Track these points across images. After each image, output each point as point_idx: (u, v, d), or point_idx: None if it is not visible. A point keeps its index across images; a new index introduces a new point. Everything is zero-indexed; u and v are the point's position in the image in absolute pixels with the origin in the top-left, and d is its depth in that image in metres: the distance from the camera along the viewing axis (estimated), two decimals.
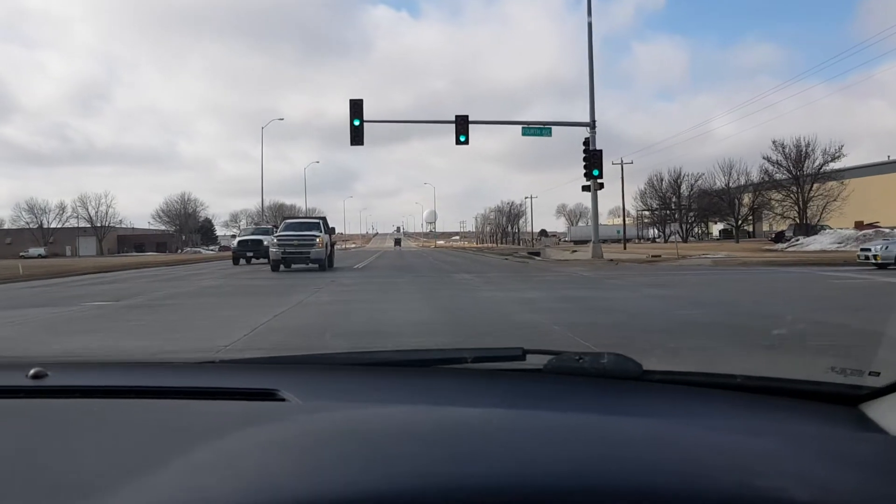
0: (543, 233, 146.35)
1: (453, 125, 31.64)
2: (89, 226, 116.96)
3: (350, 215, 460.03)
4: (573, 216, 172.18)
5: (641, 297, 14.53)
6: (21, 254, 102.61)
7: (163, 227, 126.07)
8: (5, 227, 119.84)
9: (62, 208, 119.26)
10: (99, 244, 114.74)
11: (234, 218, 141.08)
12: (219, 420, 1.12)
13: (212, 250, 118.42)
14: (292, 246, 26.76)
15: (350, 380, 1.49)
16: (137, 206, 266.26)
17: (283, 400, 1.24)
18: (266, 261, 28.65)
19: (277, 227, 30.36)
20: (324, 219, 30.99)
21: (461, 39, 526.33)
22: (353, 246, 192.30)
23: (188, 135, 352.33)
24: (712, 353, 6.85)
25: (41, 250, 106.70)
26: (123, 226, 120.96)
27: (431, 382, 1.45)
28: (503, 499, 0.78)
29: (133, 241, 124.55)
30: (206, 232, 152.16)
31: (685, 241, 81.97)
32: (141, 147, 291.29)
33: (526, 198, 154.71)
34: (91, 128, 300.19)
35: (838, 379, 1.39)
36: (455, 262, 39.76)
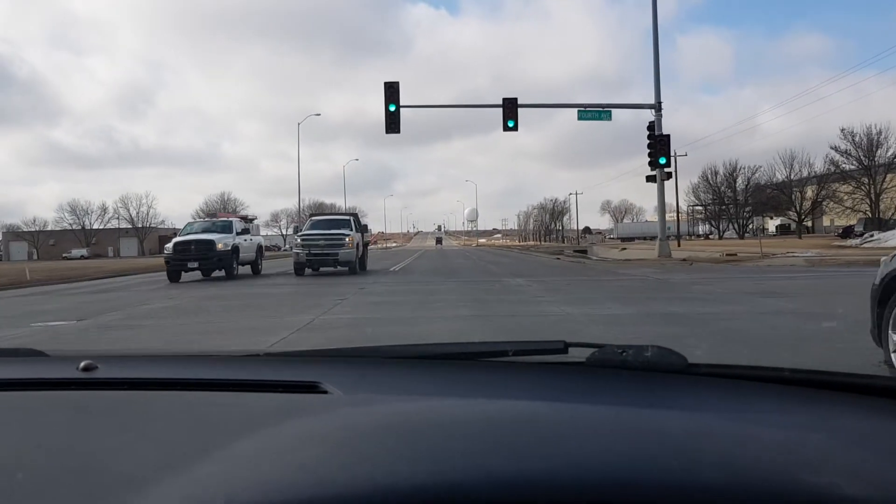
0: (587, 230, 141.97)
1: (500, 110, 27.80)
2: (131, 227, 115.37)
3: (391, 214, 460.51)
4: (618, 213, 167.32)
5: (766, 315, 10.55)
6: (64, 255, 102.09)
7: None
8: (49, 228, 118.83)
9: (104, 209, 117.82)
10: (140, 245, 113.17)
11: (275, 217, 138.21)
12: (261, 412, 1.11)
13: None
14: (318, 247, 23.40)
15: (393, 373, 1.45)
16: (181, 207, 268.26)
17: (325, 392, 1.21)
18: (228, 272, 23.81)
19: (301, 227, 26.91)
20: (355, 215, 27.46)
21: (501, 36, 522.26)
22: (394, 245, 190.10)
23: (231, 136, 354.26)
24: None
25: (84, 251, 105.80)
26: (164, 226, 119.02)
27: (474, 376, 1.41)
28: (553, 493, 0.77)
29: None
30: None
31: (741, 237, 76.92)
32: (185, 148, 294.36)
33: (570, 194, 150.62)
34: (136, 130, 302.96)
35: (893, 372, 1.16)
36: (502, 262, 36.23)
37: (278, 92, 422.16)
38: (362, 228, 26.48)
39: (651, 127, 28.87)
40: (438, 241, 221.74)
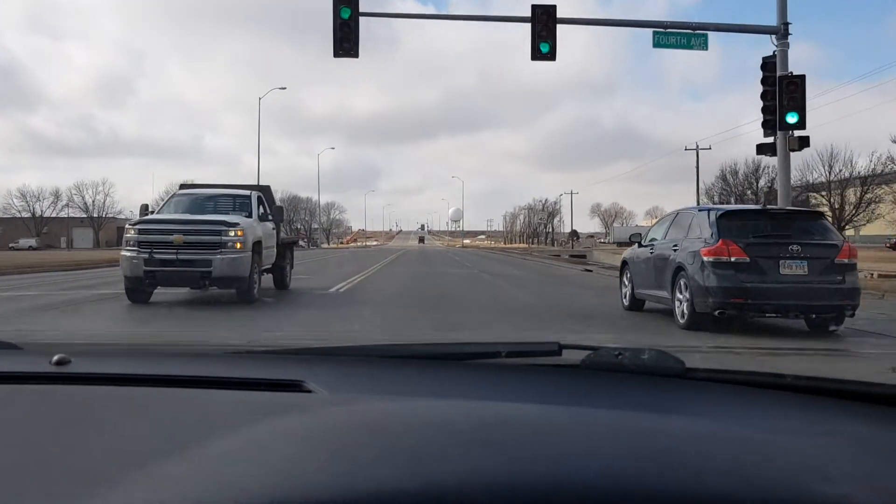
0: (574, 234, 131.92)
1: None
2: (85, 216, 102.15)
3: (373, 212, 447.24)
4: (608, 216, 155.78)
5: None
6: (11, 245, 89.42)
7: None
8: None
9: (56, 196, 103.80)
10: (95, 235, 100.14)
11: None
12: (241, 410, 1.07)
13: None
14: (166, 246, 11.17)
15: (380, 372, 1.39)
16: (153, 197, 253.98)
17: (309, 391, 1.16)
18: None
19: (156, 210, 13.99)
20: (266, 189, 15.41)
21: (489, 34, 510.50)
22: (374, 244, 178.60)
23: (213, 128, 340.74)
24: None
25: (33, 241, 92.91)
26: (124, 216, 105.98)
27: (464, 377, 1.36)
28: (545, 498, 0.74)
29: None
30: None
31: None
32: (166, 139, 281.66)
33: (561, 195, 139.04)
34: (116, 119, 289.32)
35: (893, 380, 1.32)
36: (504, 272, 25.21)
37: (261, 84, 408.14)
38: (277, 214, 14.24)
39: (768, 65, 17.04)
40: (421, 239, 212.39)
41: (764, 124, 17.16)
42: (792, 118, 16.55)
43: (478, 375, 1.36)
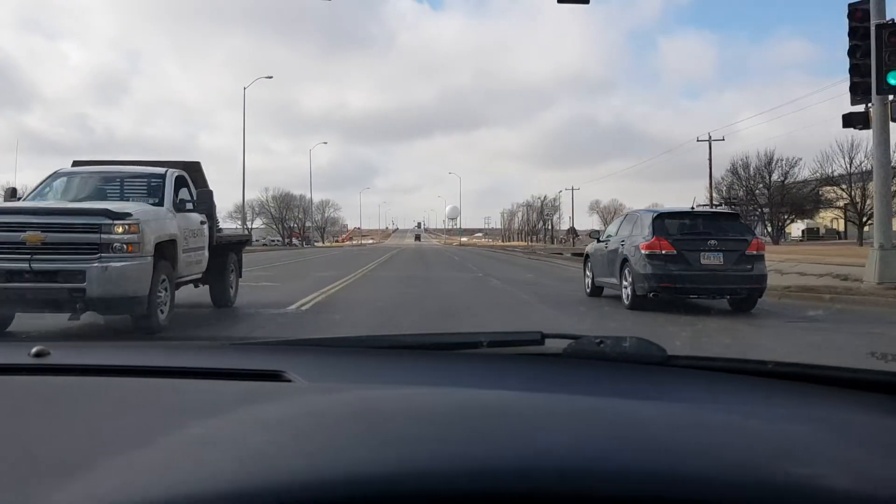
0: (572, 231, 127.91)
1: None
2: None
3: (369, 210, 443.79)
4: (606, 213, 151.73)
5: None
6: None
7: None
8: None
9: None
10: None
11: (238, 209, 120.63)
12: (220, 399, 1.06)
13: None
14: (12, 251, 7.03)
15: (361, 363, 1.38)
16: None
17: (289, 381, 1.15)
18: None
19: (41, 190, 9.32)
20: (191, 168, 10.58)
21: (485, 32, 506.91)
22: (370, 242, 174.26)
23: (209, 127, 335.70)
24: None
25: None
26: None
27: (446, 366, 1.35)
28: (520, 481, 0.74)
29: None
30: None
31: (776, 242, 61.58)
32: (161, 138, 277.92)
33: (560, 191, 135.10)
34: (111, 118, 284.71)
35: (878, 365, 1.31)
36: (515, 276, 21.20)
37: (258, 83, 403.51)
38: (202, 201, 9.46)
39: (857, 13, 13.17)
40: (417, 237, 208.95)
41: (853, 88, 13.28)
42: (895, 79, 12.65)
43: (460, 365, 1.35)
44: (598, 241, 13.16)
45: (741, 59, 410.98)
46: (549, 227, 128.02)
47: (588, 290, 13.31)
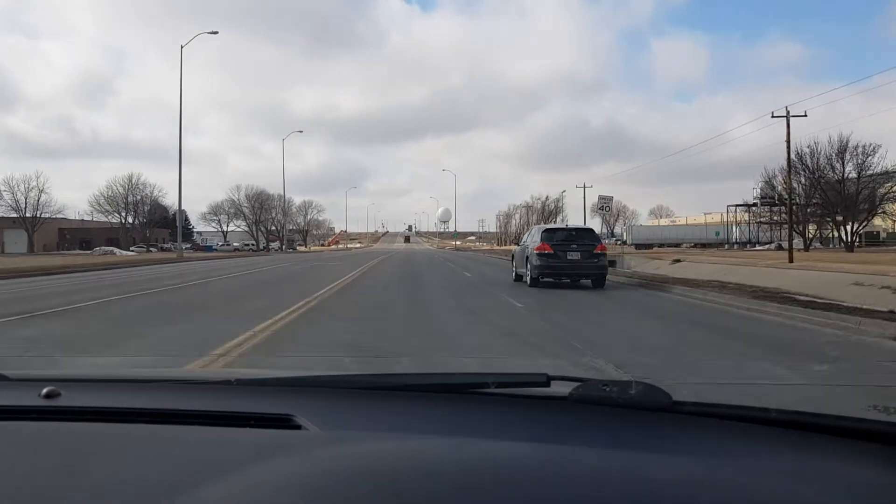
0: None
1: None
2: (17, 216, 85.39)
3: (359, 213, 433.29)
4: (609, 215, 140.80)
5: None
6: None
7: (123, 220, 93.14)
8: None
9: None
10: (29, 238, 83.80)
11: (214, 210, 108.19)
12: (232, 449, 1.06)
13: (168, 248, 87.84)
14: None
15: (369, 406, 1.38)
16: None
17: (298, 427, 1.17)
18: None
19: None
20: None
21: (475, 33, 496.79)
22: (358, 246, 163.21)
23: (196, 128, 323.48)
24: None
25: None
26: (61, 216, 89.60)
27: (453, 410, 1.35)
28: None
29: (80, 234, 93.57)
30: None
31: (850, 248, 50.22)
32: (148, 140, 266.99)
33: (564, 191, 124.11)
34: (97, 120, 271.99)
35: (881, 417, 1.35)
36: (559, 303, 13.74)
37: (246, 84, 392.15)
38: None
39: None
40: (407, 239, 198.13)
41: None
42: None
43: (467, 409, 1.35)
44: (518, 244, 22.54)
45: (734, 60, 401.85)
46: None
47: (512, 278, 20.41)
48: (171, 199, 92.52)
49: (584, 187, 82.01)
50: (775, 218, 65.40)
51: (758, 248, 65.07)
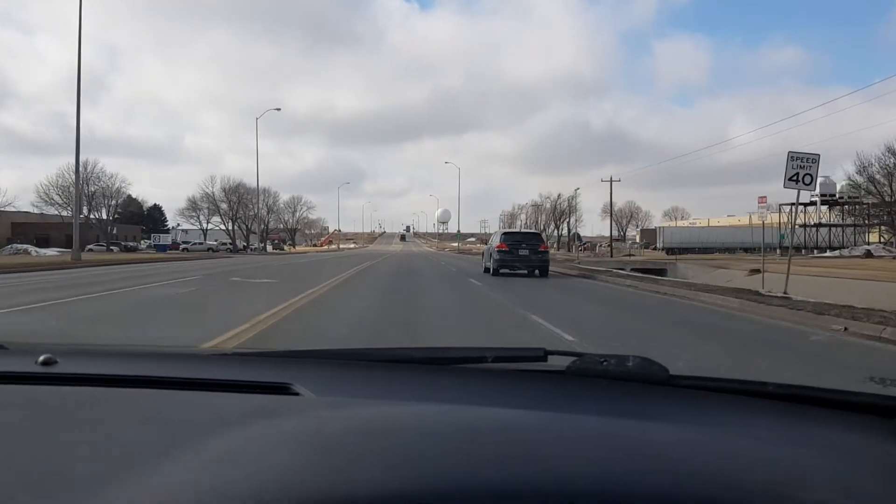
0: (577, 237, 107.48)
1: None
2: None
3: (356, 213, 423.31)
4: (621, 217, 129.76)
5: None
6: None
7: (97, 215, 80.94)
8: None
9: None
10: None
11: (194, 205, 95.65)
12: (229, 412, 1.05)
13: (132, 246, 76.56)
14: None
15: (366, 376, 1.36)
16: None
17: (296, 394, 1.15)
18: None
19: None
20: None
21: (475, 32, 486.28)
22: (353, 246, 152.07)
23: (193, 127, 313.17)
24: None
25: None
26: (12, 209, 77.96)
27: (450, 381, 1.33)
28: (530, 502, 0.75)
29: (37, 231, 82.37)
30: (154, 221, 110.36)
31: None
32: (144, 138, 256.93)
33: (578, 189, 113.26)
34: (92, 117, 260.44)
35: (877, 389, 1.35)
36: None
37: (243, 82, 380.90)
38: None
39: None
40: (402, 238, 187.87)
41: None
42: None
43: (464, 380, 1.33)
44: (485, 243, 30.47)
45: (736, 64, 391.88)
46: (568, 232, 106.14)
47: (482, 270, 26.12)
48: (139, 190, 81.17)
49: (612, 181, 71.45)
50: (851, 219, 54.27)
51: (828, 254, 54.16)
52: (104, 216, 79.37)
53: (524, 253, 23.27)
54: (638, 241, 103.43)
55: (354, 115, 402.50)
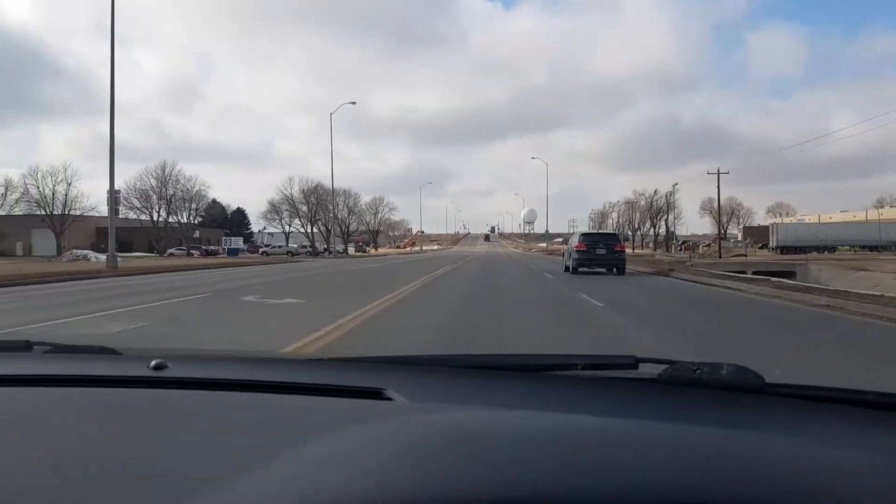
0: (671, 236, 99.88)
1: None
2: (44, 212, 73.16)
3: (440, 214, 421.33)
4: (722, 214, 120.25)
5: None
6: None
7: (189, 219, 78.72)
8: None
9: (7, 186, 73.19)
10: (57, 239, 71.87)
11: (276, 209, 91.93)
12: (327, 417, 1.09)
13: (212, 250, 74.12)
14: None
15: (457, 382, 1.37)
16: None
17: (389, 399, 1.17)
18: None
19: None
20: None
21: (560, 29, 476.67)
22: (436, 248, 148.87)
23: (281, 131, 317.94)
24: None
25: None
26: (96, 214, 76.50)
27: (540, 388, 1.32)
28: None
29: (121, 235, 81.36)
30: (237, 224, 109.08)
31: None
32: (235, 144, 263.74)
33: (677, 184, 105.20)
34: (185, 124, 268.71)
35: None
36: None
37: (328, 85, 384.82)
38: None
39: None
40: (486, 237, 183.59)
41: None
42: None
43: (554, 387, 1.32)
44: (566, 244, 31.59)
45: (834, 54, 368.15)
46: (667, 230, 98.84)
47: (563, 268, 27.72)
48: (230, 195, 78.53)
49: (719, 173, 64.13)
50: None
51: None
52: (185, 220, 77.11)
53: (601, 252, 25.13)
54: (740, 239, 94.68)
55: (438, 116, 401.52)
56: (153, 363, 1.30)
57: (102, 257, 46.34)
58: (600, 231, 30.00)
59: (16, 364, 1.49)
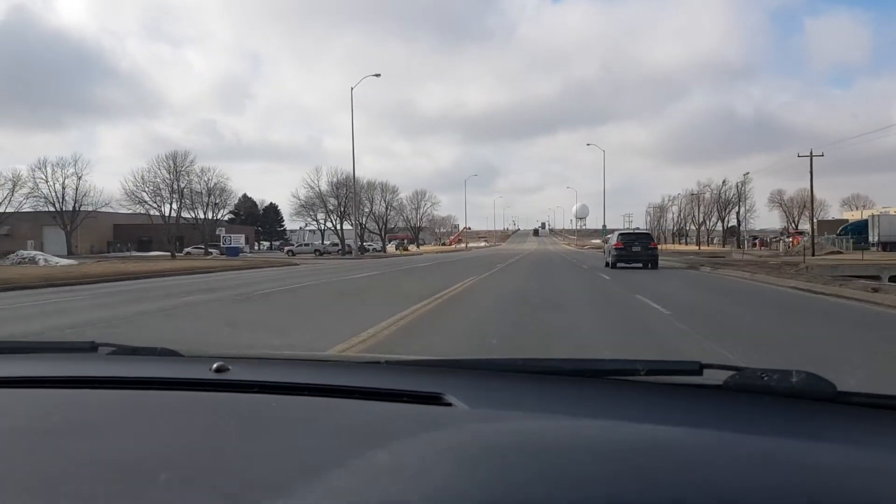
0: (732, 231, 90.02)
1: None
2: (54, 209, 67.07)
3: (488, 211, 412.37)
4: (791, 206, 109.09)
5: None
6: None
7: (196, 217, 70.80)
8: None
9: (16, 181, 66.54)
10: (67, 237, 65.85)
11: (311, 205, 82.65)
12: (387, 422, 1.08)
13: (246, 250, 67.06)
14: None
15: (516, 387, 1.34)
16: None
17: (448, 405, 1.16)
18: None
19: None
20: None
21: (611, 19, 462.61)
22: (483, 245, 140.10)
23: (330, 129, 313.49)
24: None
25: None
26: (112, 209, 69.90)
27: (602, 395, 1.29)
28: None
29: (138, 233, 75.17)
30: (270, 222, 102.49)
31: None
32: (285, 142, 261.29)
33: (747, 173, 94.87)
34: (237, 123, 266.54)
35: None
36: None
37: (377, 82, 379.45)
38: None
39: None
40: (536, 233, 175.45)
41: None
42: None
43: (616, 393, 1.28)
44: (606, 241, 34.60)
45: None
46: (738, 224, 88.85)
47: (605, 264, 30.38)
48: (238, 185, 70.59)
49: (811, 156, 54.25)
50: None
51: None
52: (204, 215, 69.94)
53: (636, 249, 28.35)
54: (871, 234, 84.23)
55: (486, 111, 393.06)
56: (215, 366, 1.31)
57: (55, 260, 39.09)
58: (636, 231, 34.70)
59: (81, 366, 1.50)
